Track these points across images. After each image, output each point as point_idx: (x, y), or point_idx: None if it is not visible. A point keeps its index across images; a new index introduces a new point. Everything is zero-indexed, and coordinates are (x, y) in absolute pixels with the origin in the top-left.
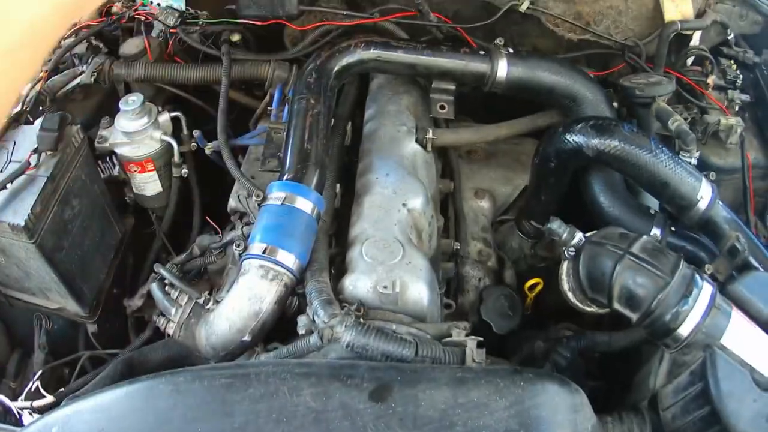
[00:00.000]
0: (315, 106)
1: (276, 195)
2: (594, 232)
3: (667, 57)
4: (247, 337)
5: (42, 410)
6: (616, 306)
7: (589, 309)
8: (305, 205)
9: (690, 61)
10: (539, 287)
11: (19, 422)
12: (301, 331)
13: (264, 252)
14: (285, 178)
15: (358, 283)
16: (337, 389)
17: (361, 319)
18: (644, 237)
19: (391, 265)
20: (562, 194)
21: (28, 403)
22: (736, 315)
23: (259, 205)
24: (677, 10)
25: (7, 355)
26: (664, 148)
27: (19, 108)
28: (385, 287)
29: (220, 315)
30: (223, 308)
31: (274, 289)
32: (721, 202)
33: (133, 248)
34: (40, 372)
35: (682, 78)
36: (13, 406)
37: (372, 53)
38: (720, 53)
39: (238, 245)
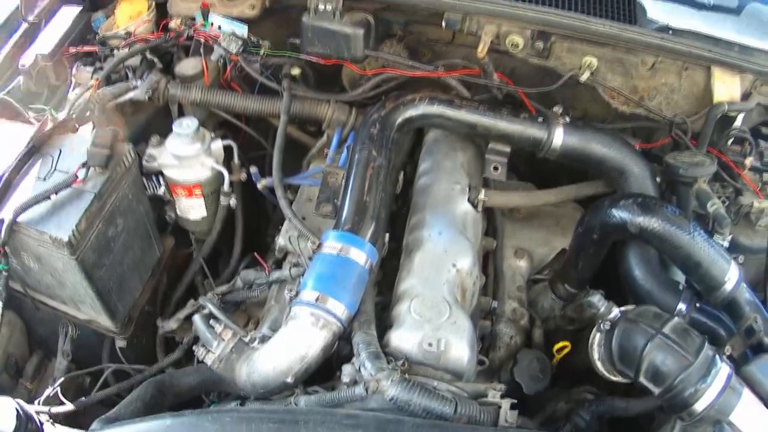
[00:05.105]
0: (377, 158)
1: (331, 244)
2: (630, 307)
3: (710, 135)
4: (290, 379)
5: (60, 417)
6: (642, 380)
7: (614, 378)
8: (359, 256)
9: (730, 140)
10: (566, 350)
11: (39, 430)
12: (346, 379)
13: (316, 300)
14: (342, 228)
15: (405, 339)
16: None
17: (406, 375)
18: (676, 318)
19: (438, 324)
20: (598, 263)
21: (46, 408)
22: (747, 394)
23: (314, 251)
24: (727, 91)
25: (25, 356)
26: (701, 231)
27: (66, 113)
28: (430, 345)
29: (265, 355)
30: (270, 349)
31: (322, 337)
32: (745, 284)
33: (168, 267)
34: (61, 379)
35: (722, 157)
36: (32, 410)
37: (435, 109)
38: (759, 133)
39: (290, 289)
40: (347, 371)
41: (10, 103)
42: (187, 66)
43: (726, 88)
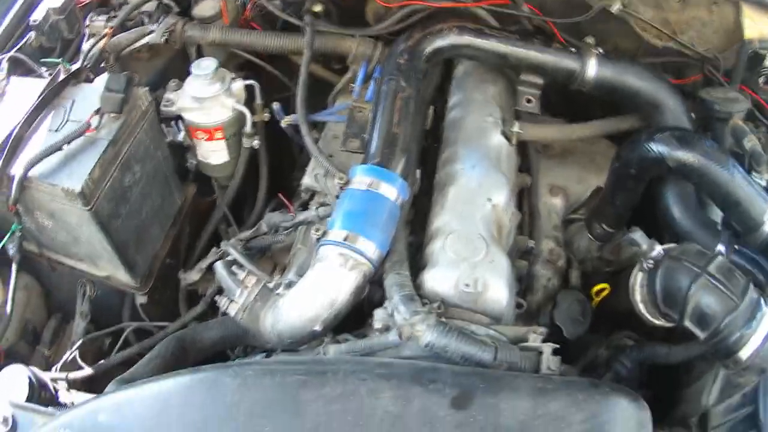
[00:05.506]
0: (405, 88)
1: (360, 179)
2: (673, 246)
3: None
4: (318, 327)
5: (78, 383)
6: (687, 323)
7: (657, 322)
8: (390, 191)
9: (761, 80)
10: (605, 292)
11: (54, 398)
12: (378, 325)
13: (345, 239)
14: (370, 162)
15: (440, 279)
16: (417, 394)
17: (442, 318)
18: (720, 257)
19: (475, 262)
20: (636, 200)
21: (63, 375)
22: None
23: (341, 188)
24: (756, 27)
25: (43, 321)
26: (739, 167)
27: (79, 64)
28: (467, 285)
29: (291, 302)
30: (295, 295)
31: (352, 279)
32: None
33: (190, 217)
34: (79, 342)
35: (754, 95)
36: (47, 377)
37: (465, 39)
38: None
39: (317, 229)
40: (379, 316)
41: (23, 60)
42: (206, 7)
43: (755, 25)
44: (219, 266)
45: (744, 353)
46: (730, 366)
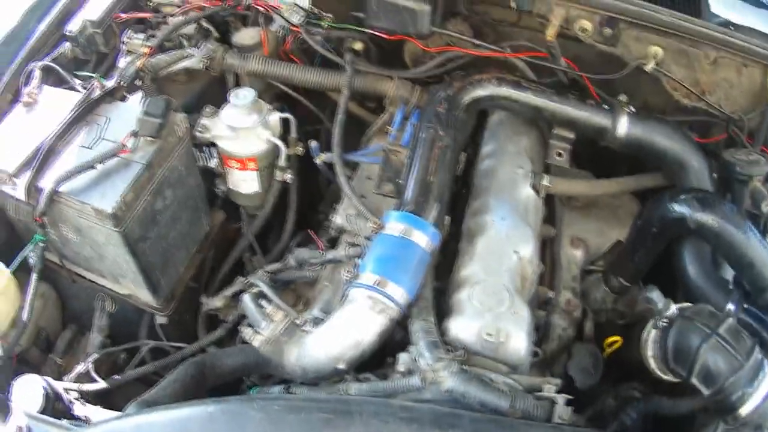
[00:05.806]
0: (442, 137)
1: (393, 225)
2: (686, 306)
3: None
4: (342, 365)
5: (90, 395)
6: (694, 380)
7: (665, 376)
8: (422, 239)
9: None
10: (617, 345)
11: (68, 410)
12: (401, 368)
13: (375, 284)
14: (404, 209)
15: (464, 328)
16: None
17: (464, 366)
18: (730, 319)
19: (498, 313)
20: (655, 257)
21: (76, 386)
22: None
23: (374, 232)
24: None
25: (57, 330)
26: (755, 231)
27: (114, 81)
28: (489, 335)
29: (318, 339)
30: (323, 333)
31: (380, 322)
32: None
33: (216, 242)
34: (95, 356)
35: None
36: (60, 386)
37: (503, 91)
38: None
39: (348, 271)
40: (403, 360)
41: (56, 70)
42: (246, 36)
43: None
44: (247, 298)
45: (744, 410)
46: (730, 421)
